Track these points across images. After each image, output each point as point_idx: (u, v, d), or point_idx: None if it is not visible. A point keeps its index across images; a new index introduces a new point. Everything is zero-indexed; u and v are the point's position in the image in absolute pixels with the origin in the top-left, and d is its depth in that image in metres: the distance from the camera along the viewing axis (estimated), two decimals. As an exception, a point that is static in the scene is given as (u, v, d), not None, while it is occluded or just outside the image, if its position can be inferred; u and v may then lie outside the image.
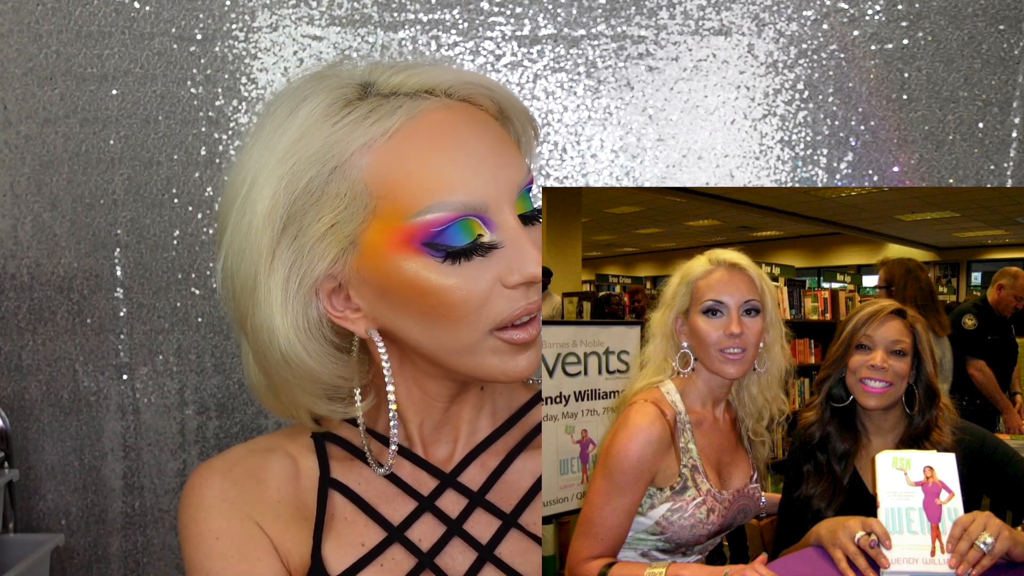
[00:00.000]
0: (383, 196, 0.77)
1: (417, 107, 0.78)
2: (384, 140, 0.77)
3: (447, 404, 0.90)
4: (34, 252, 1.76)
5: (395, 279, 0.78)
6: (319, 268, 0.79)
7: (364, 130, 0.77)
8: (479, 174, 0.77)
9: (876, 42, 1.71)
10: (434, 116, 0.78)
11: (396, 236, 0.77)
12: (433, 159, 0.76)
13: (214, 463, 0.90)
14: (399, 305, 0.79)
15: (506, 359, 0.80)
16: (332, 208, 0.77)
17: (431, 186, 0.76)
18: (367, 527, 0.88)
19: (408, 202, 0.76)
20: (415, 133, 0.77)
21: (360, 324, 0.83)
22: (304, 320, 0.81)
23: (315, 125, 0.78)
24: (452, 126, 0.78)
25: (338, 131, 0.77)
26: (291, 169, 0.77)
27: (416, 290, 0.77)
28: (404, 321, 0.80)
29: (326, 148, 0.77)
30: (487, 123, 0.81)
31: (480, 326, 0.78)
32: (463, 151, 0.77)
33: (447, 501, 0.89)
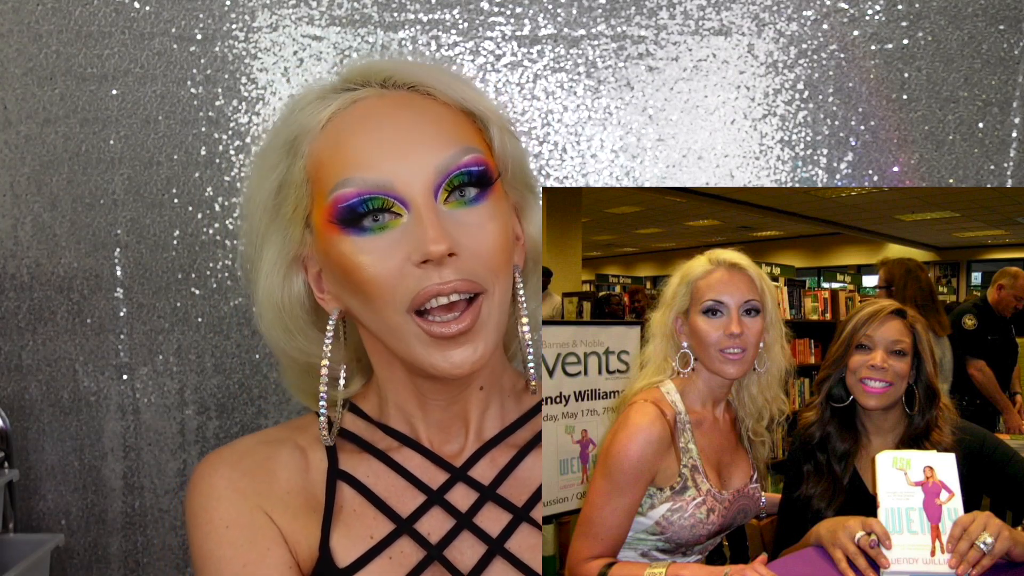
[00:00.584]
0: (316, 179, 0.84)
1: (350, 97, 0.85)
2: (319, 129, 0.85)
3: (446, 403, 0.90)
4: (34, 252, 1.76)
5: (330, 257, 0.84)
6: (291, 249, 0.87)
7: (308, 120, 0.85)
8: (389, 155, 0.81)
9: (876, 42, 1.71)
10: (363, 104, 0.85)
11: (323, 214, 0.83)
12: (349, 141, 0.82)
13: (223, 453, 0.91)
14: (338, 284, 0.85)
15: (432, 351, 0.82)
16: (293, 194, 0.86)
17: (343, 164, 0.82)
18: (376, 519, 0.88)
19: (327, 181, 0.83)
20: (343, 120, 0.84)
21: (331, 304, 0.88)
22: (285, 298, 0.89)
23: (286, 118, 0.87)
24: (376, 112, 0.84)
25: (295, 123, 0.86)
26: (271, 160, 0.87)
27: (342, 267, 0.83)
28: (349, 300, 0.85)
29: (288, 140, 0.86)
30: (420, 109, 0.85)
31: (397, 305, 0.81)
32: (377, 133, 0.82)
33: (457, 495, 0.90)
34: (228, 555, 0.85)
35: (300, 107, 0.87)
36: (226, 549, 0.85)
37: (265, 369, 1.79)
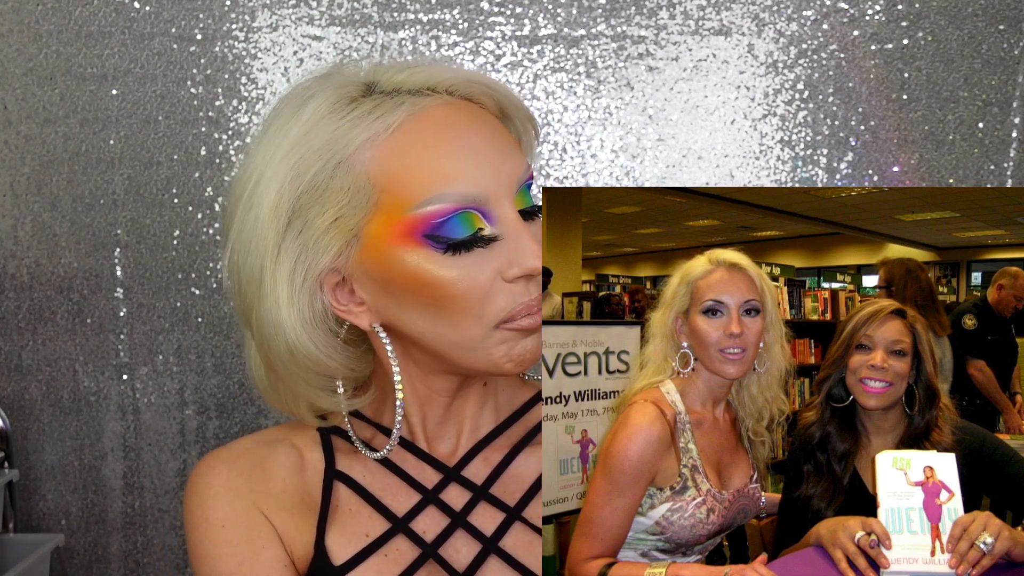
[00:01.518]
0: (385, 189, 0.78)
1: (419, 103, 0.80)
2: (387, 135, 0.78)
3: (450, 399, 0.90)
4: (34, 252, 1.76)
5: (397, 271, 0.79)
6: (324, 261, 0.81)
7: (367, 125, 0.78)
8: (479, 167, 0.78)
9: (876, 42, 1.71)
10: (435, 112, 0.80)
11: (398, 228, 0.78)
12: (434, 153, 0.78)
13: (221, 453, 0.91)
14: (402, 298, 0.80)
15: (511, 346, 0.80)
16: (336, 202, 0.79)
17: (432, 178, 0.77)
18: (371, 518, 0.89)
19: (409, 194, 0.77)
20: (417, 128, 0.79)
21: (364, 318, 0.84)
22: (310, 312, 0.83)
23: (320, 121, 0.80)
24: (453, 122, 0.80)
25: (342, 127, 0.79)
26: (296, 163, 0.79)
27: (418, 282, 0.78)
28: (408, 315, 0.81)
29: (330, 143, 0.79)
30: (487, 120, 0.82)
31: (484, 321, 0.79)
32: (463, 145, 0.78)
33: (451, 494, 0.90)
34: (224, 553, 0.86)
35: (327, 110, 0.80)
36: (222, 548, 0.86)
37: (265, 369, 1.79)
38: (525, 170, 0.81)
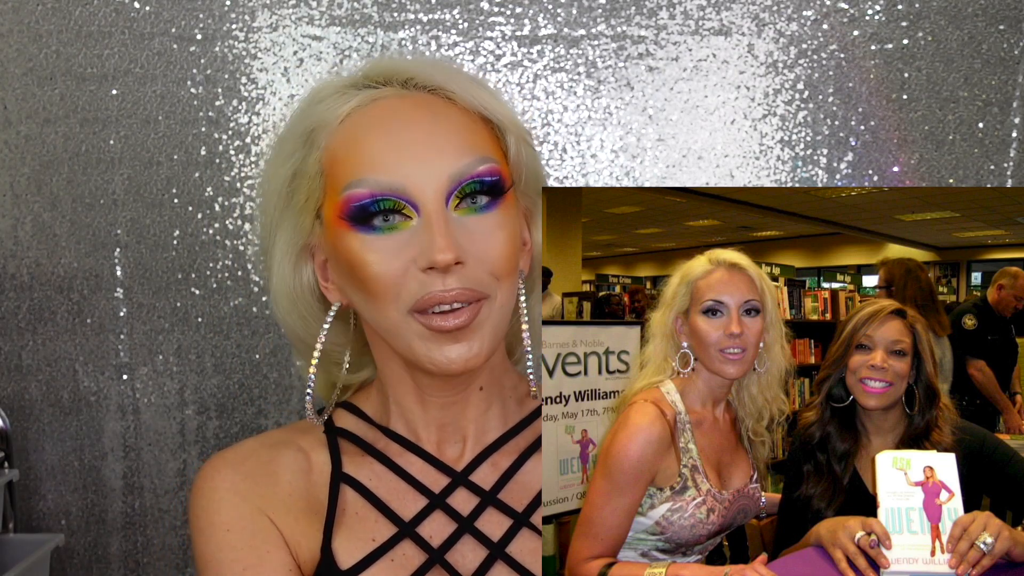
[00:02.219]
0: (329, 173, 0.85)
1: (369, 95, 0.85)
2: (337, 123, 0.85)
3: (445, 402, 0.91)
4: (34, 252, 1.76)
5: (338, 251, 0.85)
6: (301, 238, 0.89)
7: (327, 114, 0.85)
8: (404, 158, 0.81)
9: (876, 42, 1.71)
10: (383, 104, 0.85)
11: (334, 209, 0.84)
12: (365, 140, 0.83)
13: (226, 455, 0.91)
14: (344, 278, 0.86)
15: (431, 346, 0.82)
16: (306, 184, 0.86)
17: (357, 164, 0.82)
18: (378, 522, 0.88)
19: (340, 177, 0.83)
20: (360, 118, 0.84)
21: (334, 295, 0.90)
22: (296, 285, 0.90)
23: (304, 110, 0.88)
24: (395, 113, 0.84)
25: (314, 115, 0.86)
26: (287, 149, 0.88)
27: (348, 262, 0.84)
28: (352, 294, 0.87)
29: (305, 130, 0.87)
30: (440, 113, 0.85)
31: (399, 305, 0.82)
32: (394, 135, 0.82)
33: (458, 499, 0.90)
34: (228, 558, 0.85)
35: (319, 99, 0.87)
36: (226, 552, 0.86)
37: (265, 369, 1.79)
38: (467, 165, 0.82)
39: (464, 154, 0.83)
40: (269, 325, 1.78)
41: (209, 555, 0.86)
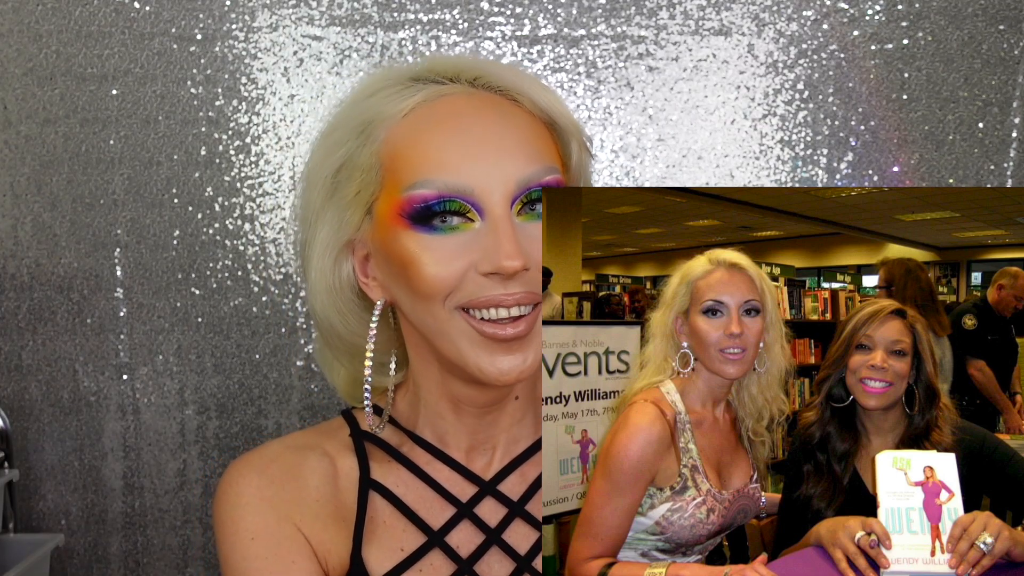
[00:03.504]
0: (389, 169, 0.81)
1: (436, 91, 0.82)
2: (400, 117, 0.82)
3: (480, 411, 0.89)
4: (34, 252, 1.76)
5: (390, 248, 0.82)
6: (346, 233, 0.85)
7: (387, 107, 0.82)
8: (473, 160, 0.79)
9: (876, 42, 1.71)
10: (450, 100, 0.82)
11: (393, 207, 0.81)
12: (432, 139, 0.80)
13: (251, 459, 0.89)
14: (393, 276, 0.83)
15: (481, 353, 0.80)
16: (359, 177, 0.83)
17: (423, 163, 0.80)
18: (406, 531, 0.87)
19: (404, 176, 0.80)
20: (426, 114, 0.81)
21: (376, 291, 0.87)
22: (335, 279, 0.87)
23: (361, 101, 0.85)
24: (462, 112, 0.81)
25: (371, 107, 0.83)
26: (337, 138, 0.84)
27: (401, 261, 0.81)
28: (398, 292, 0.84)
29: (362, 122, 0.83)
30: (508, 115, 0.82)
31: (448, 303, 0.80)
32: (462, 136, 0.80)
33: (486, 509, 0.89)
34: (253, 568, 0.84)
35: (374, 90, 0.84)
36: (251, 561, 0.84)
37: (265, 369, 1.79)
38: (534, 172, 0.80)
39: (533, 160, 0.81)
40: (269, 325, 1.78)
41: (234, 564, 0.85)
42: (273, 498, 0.86)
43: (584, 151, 0.89)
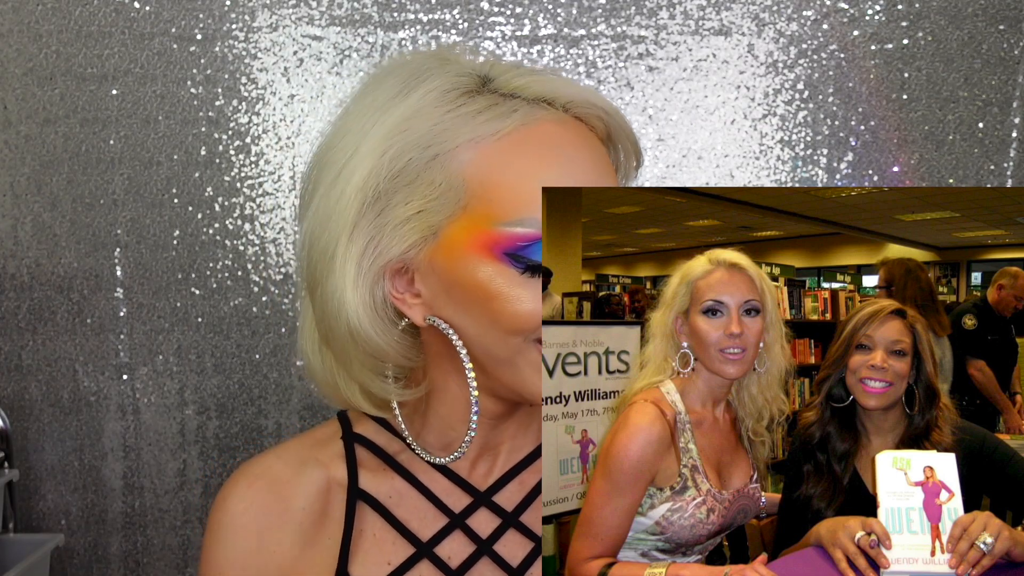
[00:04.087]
0: (478, 195, 0.75)
1: (533, 115, 0.76)
2: (494, 140, 0.75)
3: (493, 422, 0.88)
4: (34, 252, 1.76)
5: (467, 278, 0.76)
6: (396, 250, 0.78)
7: (476, 125, 0.75)
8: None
9: (876, 42, 1.71)
10: (547, 128, 0.77)
11: (480, 238, 0.75)
12: (539, 172, 0.75)
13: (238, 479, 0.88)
14: (462, 303, 0.78)
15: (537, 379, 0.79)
16: (423, 195, 0.76)
17: (530, 198, 0.75)
18: (395, 544, 0.86)
19: (503, 208, 0.75)
20: (526, 141, 0.76)
21: (417, 311, 0.81)
22: (371, 297, 0.80)
23: (428, 108, 0.76)
24: (563, 143, 0.77)
25: (448, 119, 0.75)
26: (394, 146, 0.76)
27: (486, 294, 0.76)
28: (462, 318, 0.78)
29: (433, 134, 0.75)
30: (594, 146, 0.80)
31: (528, 335, 0.77)
32: (568, 171, 0.76)
33: (479, 520, 0.88)
34: None
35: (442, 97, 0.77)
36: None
37: (265, 369, 1.79)
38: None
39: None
40: (269, 325, 1.78)
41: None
42: (252, 524, 0.85)
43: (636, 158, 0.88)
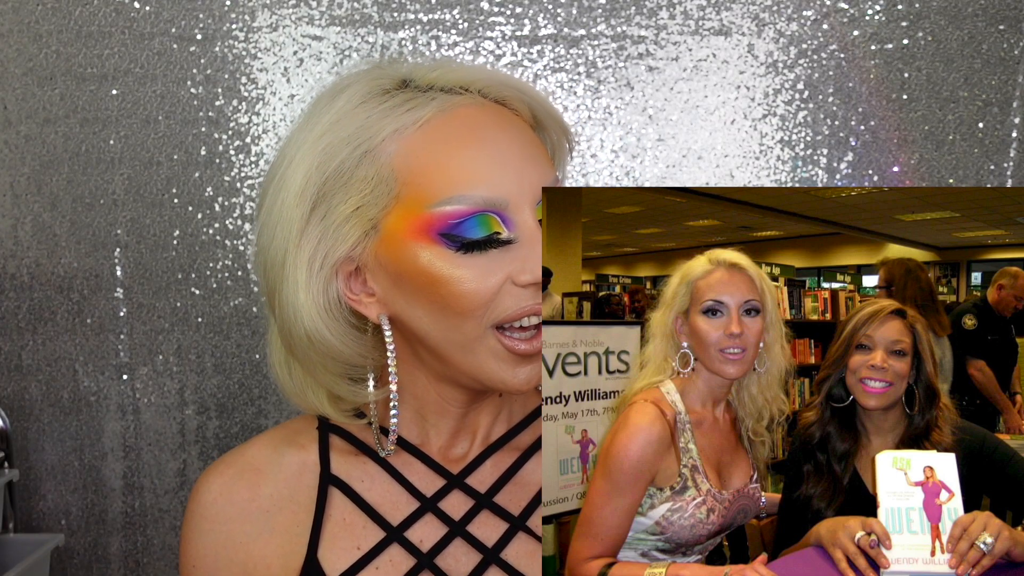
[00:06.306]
0: (407, 183, 0.78)
1: (450, 101, 0.80)
2: (415, 129, 0.78)
3: (464, 409, 0.89)
4: (34, 252, 1.76)
5: (410, 266, 0.79)
6: (341, 249, 0.80)
7: (396, 117, 0.78)
8: (503, 172, 0.78)
9: (876, 42, 1.71)
10: (465, 112, 0.80)
11: (415, 224, 0.78)
12: (460, 152, 0.78)
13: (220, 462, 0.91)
14: (411, 293, 0.80)
15: (505, 367, 0.80)
16: (359, 191, 0.79)
17: (454, 178, 0.77)
18: (365, 528, 0.87)
19: (430, 191, 0.77)
20: (445, 125, 0.79)
21: (372, 309, 0.83)
22: (324, 299, 0.82)
23: (352, 110, 0.80)
24: (482, 123, 0.80)
25: (372, 116, 0.79)
26: (324, 149, 0.79)
27: (428, 279, 0.78)
28: (415, 310, 0.81)
29: (359, 132, 0.79)
30: (517, 125, 0.82)
31: (483, 321, 0.78)
32: (490, 148, 0.78)
33: (451, 502, 0.89)
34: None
35: (365, 97, 0.80)
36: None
37: (265, 369, 1.79)
38: (551, 180, 0.81)
39: (547, 167, 0.81)
40: (269, 325, 1.78)
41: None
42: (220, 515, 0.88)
43: (567, 152, 0.90)
